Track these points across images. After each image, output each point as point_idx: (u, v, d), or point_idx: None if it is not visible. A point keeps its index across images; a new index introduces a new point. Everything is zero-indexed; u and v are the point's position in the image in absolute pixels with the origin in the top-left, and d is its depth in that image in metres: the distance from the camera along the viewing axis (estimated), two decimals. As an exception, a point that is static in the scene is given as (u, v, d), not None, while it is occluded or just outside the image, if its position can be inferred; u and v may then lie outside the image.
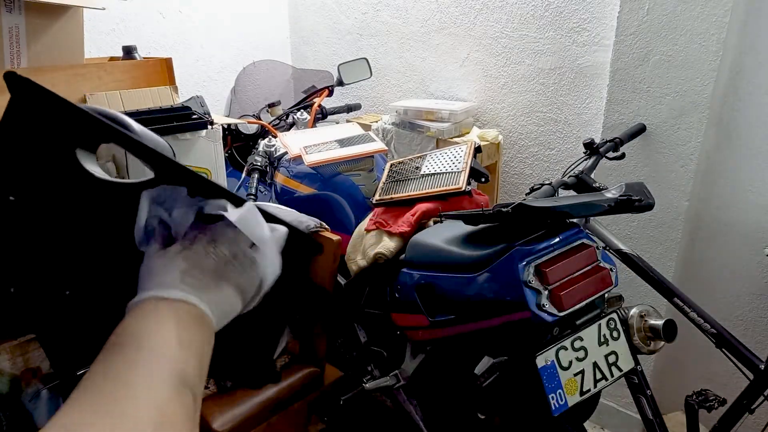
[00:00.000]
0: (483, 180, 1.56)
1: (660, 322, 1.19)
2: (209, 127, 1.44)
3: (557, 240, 1.10)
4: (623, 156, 1.57)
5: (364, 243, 1.47)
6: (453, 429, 1.35)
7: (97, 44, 2.10)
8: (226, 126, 1.91)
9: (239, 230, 0.50)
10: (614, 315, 1.17)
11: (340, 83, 2.15)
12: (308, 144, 1.74)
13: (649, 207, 1.19)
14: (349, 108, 2.30)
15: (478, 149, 1.63)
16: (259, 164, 1.81)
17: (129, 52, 1.68)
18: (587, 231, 1.20)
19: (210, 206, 0.50)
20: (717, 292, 1.77)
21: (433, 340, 1.29)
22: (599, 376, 1.12)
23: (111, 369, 0.39)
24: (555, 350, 1.07)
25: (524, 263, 1.05)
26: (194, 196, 0.51)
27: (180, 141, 1.39)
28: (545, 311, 1.03)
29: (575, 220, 1.22)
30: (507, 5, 2.04)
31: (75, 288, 0.53)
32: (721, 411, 1.34)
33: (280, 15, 2.82)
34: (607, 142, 1.55)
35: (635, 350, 1.19)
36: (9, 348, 1.09)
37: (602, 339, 1.14)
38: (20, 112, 0.44)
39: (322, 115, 2.19)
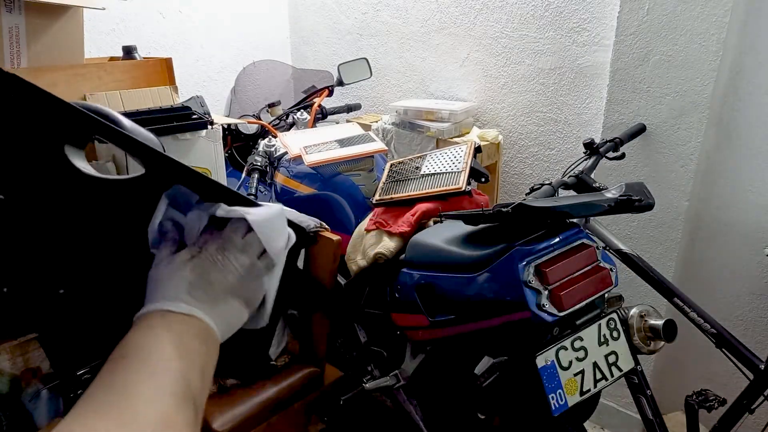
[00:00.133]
0: (483, 180, 1.56)
1: (660, 322, 1.19)
2: (209, 127, 1.44)
3: (557, 240, 1.10)
4: (623, 156, 1.57)
5: (364, 243, 1.47)
6: (453, 429, 1.35)
7: (97, 44, 2.10)
8: (226, 126, 1.91)
9: (249, 238, 0.50)
10: (614, 315, 1.17)
11: (340, 83, 2.15)
12: (308, 144, 1.74)
13: (649, 207, 1.19)
14: (349, 108, 2.30)
15: (478, 149, 1.63)
16: (259, 164, 1.81)
17: (129, 52, 1.68)
18: (587, 231, 1.20)
19: (227, 211, 0.49)
20: (717, 292, 1.77)
21: (433, 340, 1.29)
22: (599, 376, 1.12)
23: (116, 381, 0.40)
24: (555, 350, 1.07)
25: (524, 263, 1.05)
26: (196, 195, 0.50)
27: (180, 141, 1.39)
28: (545, 311, 1.03)
29: (575, 220, 1.22)
30: (507, 5, 2.04)
31: (70, 287, 0.53)
32: (721, 411, 1.34)
33: (280, 15, 2.82)
34: (607, 142, 1.55)
35: (635, 350, 1.19)
36: (9, 348, 1.09)
37: (602, 339, 1.14)
38: (6, 109, 0.43)
39: (322, 115, 2.19)
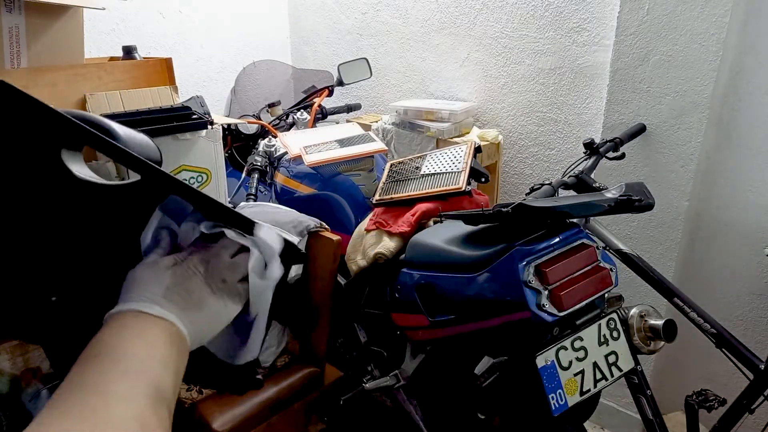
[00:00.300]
0: (483, 180, 1.56)
1: (660, 322, 1.19)
2: (209, 127, 1.44)
3: (557, 240, 1.10)
4: (623, 156, 1.57)
5: (364, 243, 1.47)
6: (453, 429, 1.35)
7: (97, 44, 2.10)
8: (226, 126, 1.91)
9: (238, 260, 0.50)
10: (614, 315, 1.17)
11: (340, 83, 2.15)
12: (308, 144, 1.74)
13: (649, 207, 1.19)
14: (349, 108, 2.30)
15: (478, 149, 1.63)
16: (259, 164, 1.81)
17: (129, 52, 1.68)
18: (587, 231, 1.20)
19: (232, 236, 0.50)
20: (717, 292, 1.77)
21: (433, 340, 1.29)
22: (599, 376, 1.12)
23: (89, 379, 0.39)
24: (555, 350, 1.07)
25: (524, 263, 1.05)
26: (188, 204, 0.50)
27: (180, 141, 1.39)
28: (545, 311, 1.03)
29: (575, 220, 1.22)
30: (507, 5, 2.04)
31: (62, 294, 0.52)
32: (721, 411, 1.34)
33: (280, 15, 2.82)
34: (607, 142, 1.55)
35: (635, 350, 1.19)
36: (9, 348, 1.10)
37: (602, 339, 1.14)
38: None
39: (322, 115, 2.19)
